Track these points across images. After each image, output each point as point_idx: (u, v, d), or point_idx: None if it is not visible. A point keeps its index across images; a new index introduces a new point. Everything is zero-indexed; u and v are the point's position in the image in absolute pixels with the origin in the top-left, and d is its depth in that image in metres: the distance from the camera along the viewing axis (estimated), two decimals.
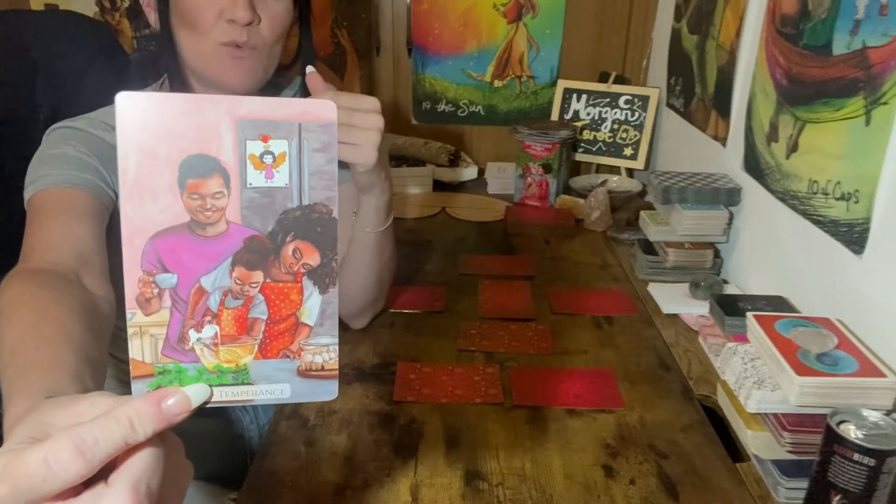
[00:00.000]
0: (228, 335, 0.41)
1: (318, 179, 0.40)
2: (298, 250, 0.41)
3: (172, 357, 0.40)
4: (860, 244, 0.86)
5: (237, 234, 0.39)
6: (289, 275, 0.41)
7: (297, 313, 0.42)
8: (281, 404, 0.89)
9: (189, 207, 0.38)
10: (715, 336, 1.03)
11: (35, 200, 0.76)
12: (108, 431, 0.33)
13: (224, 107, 0.38)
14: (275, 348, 0.42)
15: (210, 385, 0.40)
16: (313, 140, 0.39)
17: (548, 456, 0.81)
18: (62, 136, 0.82)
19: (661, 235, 1.28)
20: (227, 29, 0.82)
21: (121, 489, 0.33)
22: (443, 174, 1.80)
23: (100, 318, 0.64)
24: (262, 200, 0.39)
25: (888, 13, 0.81)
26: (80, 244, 0.70)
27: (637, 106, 1.79)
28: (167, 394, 0.36)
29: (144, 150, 0.37)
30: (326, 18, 1.90)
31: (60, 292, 0.61)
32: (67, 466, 0.32)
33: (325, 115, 0.39)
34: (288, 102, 0.39)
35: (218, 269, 0.40)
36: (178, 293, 0.39)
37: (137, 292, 0.38)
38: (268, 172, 0.39)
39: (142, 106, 0.37)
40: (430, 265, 1.32)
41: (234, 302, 0.40)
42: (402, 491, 0.75)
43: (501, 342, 1.04)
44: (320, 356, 0.42)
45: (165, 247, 0.38)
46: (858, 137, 0.87)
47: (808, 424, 0.76)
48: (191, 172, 0.38)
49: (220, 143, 0.38)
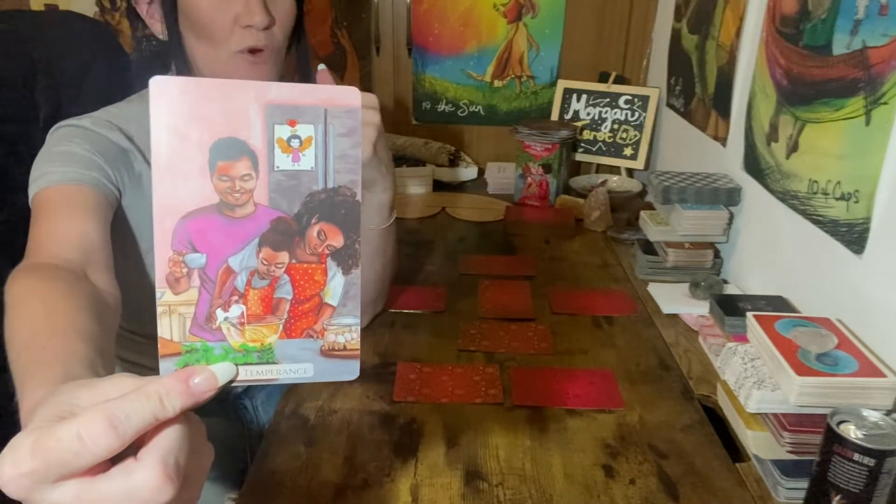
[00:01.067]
0: (254, 315, 0.41)
1: (343, 163, 0.41)
2: (323, 232, 0.41)
3: (200, 336, 0.40)
4: (860, 244, 0.86)
5: (264, 216, 0.40)
6: (313, 256, 0.42)
7: (320, 294, 0.42)
8: (279, 408, 0.89)
9: (218, 189, 0.39)
10: (715, 336, 1.03)
11: (40, 197, 0.76)
12: (138, 407, 0.34)
13: (253, 92, 0.39)
14: (299, 328, 0.42)
15: (236, 364, 0.41)
16: (338, 125, 0.40)
17: (548, 456, 0.81)
18: (67, 134, 0.82)
19: (661, 235, 1.28)
20: (244, 35, 0.81)
21: (151, 463, 0.34)
22: (443, 174, 1.80)
23: (107, 312, 0.64)
24: (288, 183, 0.40)
25: (888, 13, 0.81)
26: (85, 240, 0.70)
27: (637, 106, 1.79)
28: (194, 372, 0.37)
29: (176, 133, 0.38)
30: (326, 18, 1.90)
31: (68, 286, 0.61)
32: (99, 440, 0.32)
33: (349, 101, 0.41)
34: (314, 88, 0.40)
35: (245, 250, 0.40)
36: (207, 273, 0.40)
37: (168, 271, 0.39)
38: (294, 156, 0.40)
39: (174, 90, 0.38)
40: (430, 265, 1.32)
41: (261, 282, 0.41)
42: (402, 491, 0.75)
43: (501, 342, 1.04)
44: (343, 336, 0.43)
45: (195, 227, 0.39)
46: (858, 137, 0.87)
47: (808, 424, 0.76)
48: (220, 155, 0.39)
49: (250, 127, 0.39)
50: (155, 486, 0.33)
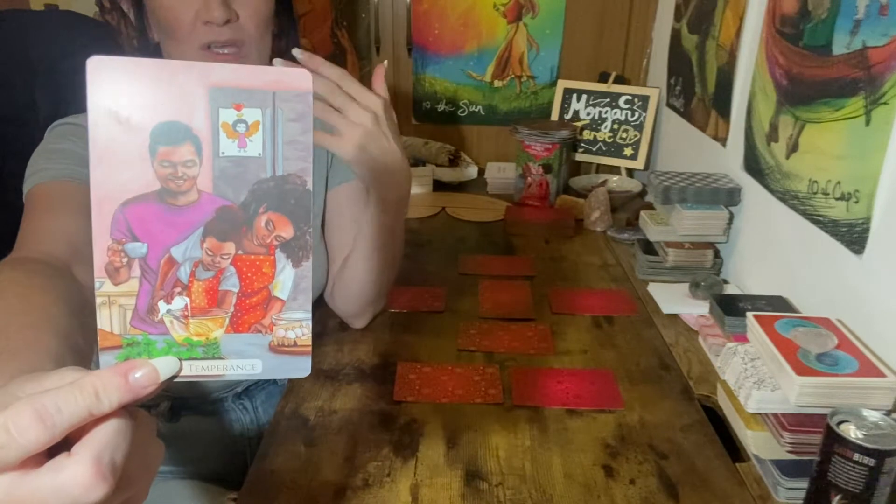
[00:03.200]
0: (199, 307, 0.40)
1: (293, 150, 0.39)
2: (271, 222, 0.40)
3: (141, 329, 0.39)
4: (860, 244, 0.86)
5: (209, 204, 0.38)
6: (261, 247, 0.40)
7: (269, 287, 0.40)
8: (279, 408, 0.89)
9: (160, 175, 0.37)
10: (715, 336, 1.03)
11: (33, 193, 0.76)
12: (71, 399, 0.33)
13: (196, 73, 0.37)
14: (246, 322, 0.40)
15: (179, 358, 0.39)
16: (288, 110, 0.38)
17: (548, 456, 0.81)
18: (63, 132, 0.82)
19: (661, 235, 1.28)
20: (205, 31, 0.82)
21: (82, 459, 0.32)
22: (443, 174, 1.80)
23: (88, 308, 0.63)
24: (234, 170, 0.38)
25: (888, 13, 0.81)
26: (73, 236, 0.70)
27: (637, 106, 1.79)
28: (135, 366, 0.35)
29: (115, 116, 0.36)
30: (326, 18, 1.90)
31: (48, 280, 0.61)
32: (27, 433, 0.31)
33: (300, 84, 0.38)
34: (262, 70, 0.38)
35: (189, 240, 0.39)
36: (148, 263, 0.38)
37: (106, 261, 0.38)
38: (241, 141, 0.38)
39: (113, 70, 0.36)
40: (430, 265, 1.32)
41: (205, 273, 0.39)
42: (402, 491, 0.75)
43: (501, 342, 1.04)
44: (293, 331, 0.41)
45: (135, 215, 0.37)
46: (858, 137, 0.87)
47: (808, 424, 0.76)
48: (162, 139, 0.37)
49: (193, 111, 0.37)
50: (85, 483, 0.32)
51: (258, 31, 0.86)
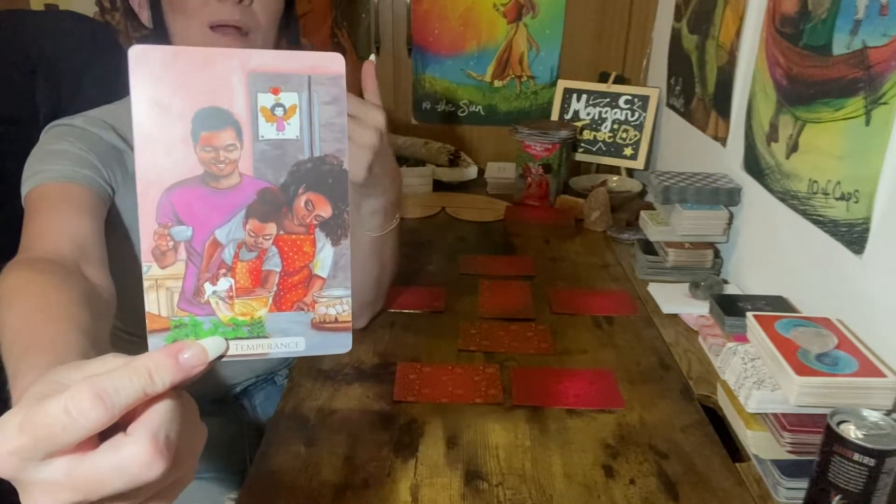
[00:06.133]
0: (243, 288, 0.41)
1: (329, 132, 0.40)
2: (310, 202, 0.41)
3: (188, 310, 0.40)
4: (860, 244, 0.86)
5: (250, 187, 0.40)
6: (301, 227, 0.41)
7: (310, 265, 0.42)
8: (279, 408, 0.89)
9: (202, 160, 0.39)
10: (715, 336, 1.03)
11: (33, 195, 0.76)
12: (126, 381, 0.33)
13: (236, 60, 0.38)
14: (289, 301, 0.42)
15: (226, 338, 0.40)
16: (323, 93, 0.40)
17: (548, 456, 0.81)
18: (60, 133, 0.82)
19: (661, 235, 1.28)
20: (218, 8, 0.80)
21: (140, 437, 0.33)
22: (443, 174, 1.80)
23: (101, 306, 0.63)
24: (273, 152, 0.40)
25: (888, 13, 0.81)
26: (79, 235, 0.70)
27: (637, 106, 1.79)
28: (184, 347, 0.36)
29: (157, 103, 0.37)
30: (326, 18, 1.90)
31: (62, 279, 0.61)
32: (88, 414, 0.32)
33: (333, 67, 0.40)
34: (297, 55, 0.39)
35: (232, 222, 0.40)
36: (193, 246, 0.39)
37: (153, 245, 0.38)
38: (279, 125, 0.40)
39: (155, 59, 0.37)
40: (430, 265, 1.32)
41: (249, 254, 0.40)
42: (402, 491, 0.75)
43: (501, 342, 1.04)
44: (334, 308, 0.42)
45: (180, 199, 0.38)
46: (858, 137, 0.87)
47: (808, 424, 0.76)
48: (204, 125, 0.38)
49: (232, 96, 0.39)
50: (145, 461, 0.33)
51: (267, 23, 0.85)
